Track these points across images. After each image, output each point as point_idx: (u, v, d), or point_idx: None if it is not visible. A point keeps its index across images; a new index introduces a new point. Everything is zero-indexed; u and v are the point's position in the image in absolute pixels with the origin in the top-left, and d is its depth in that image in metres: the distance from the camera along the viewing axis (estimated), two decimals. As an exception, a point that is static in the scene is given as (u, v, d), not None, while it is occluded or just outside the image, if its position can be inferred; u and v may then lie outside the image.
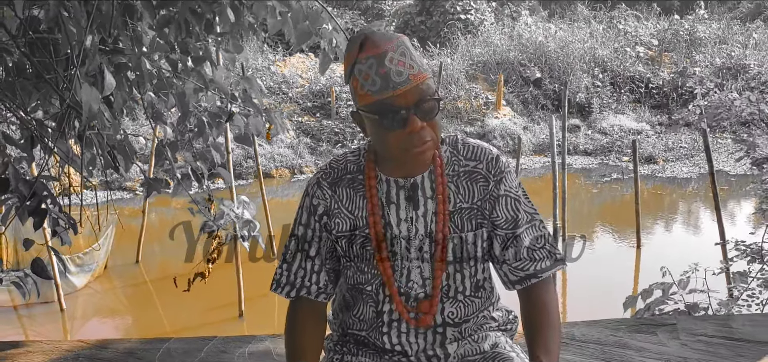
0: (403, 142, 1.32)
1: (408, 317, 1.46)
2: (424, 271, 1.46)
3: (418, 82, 1.31)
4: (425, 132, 1.32)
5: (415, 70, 1.31)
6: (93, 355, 2.42)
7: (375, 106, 1.31)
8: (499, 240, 1.48)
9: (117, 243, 8.40)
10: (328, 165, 1.52)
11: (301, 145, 14.58)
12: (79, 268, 7.58)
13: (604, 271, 7.71)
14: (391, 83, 1.29)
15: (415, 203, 1.45)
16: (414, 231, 1.45)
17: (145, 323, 7.07)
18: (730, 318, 2.53)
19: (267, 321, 6.77)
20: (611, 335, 2.39)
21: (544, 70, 17.31)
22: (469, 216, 1.46)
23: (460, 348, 1.52)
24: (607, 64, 17.57)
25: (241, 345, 2.45)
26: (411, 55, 1.33)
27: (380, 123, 1.32)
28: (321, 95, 16.19)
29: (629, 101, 17.15)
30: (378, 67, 1.30)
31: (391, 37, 1.34)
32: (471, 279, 1.49)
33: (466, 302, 1.50)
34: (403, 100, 1.29)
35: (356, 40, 1.35)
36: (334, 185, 1.49)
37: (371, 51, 1.32)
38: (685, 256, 4.46)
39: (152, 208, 9.67)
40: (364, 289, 1.50)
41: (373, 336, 1.51)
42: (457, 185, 1.46)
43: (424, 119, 1.32)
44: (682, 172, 13.03)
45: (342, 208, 1.48)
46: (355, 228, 1.47)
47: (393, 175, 1.45)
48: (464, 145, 1.50)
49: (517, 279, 1.48)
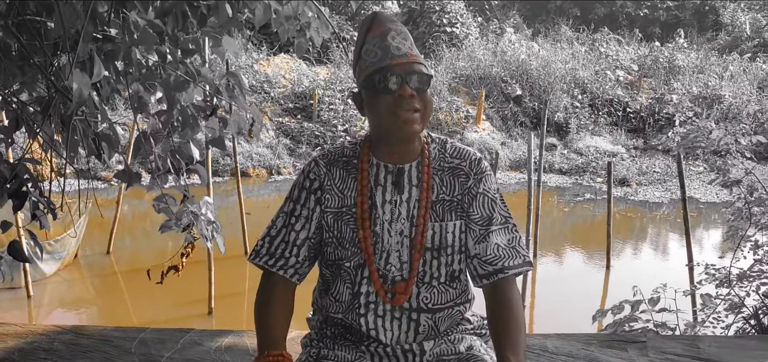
0: (393, 105, 1.45)
1: (384, 295, 1.53)
2: (403, 255, 1.54)
3: (413, 59, 1.48)
4: (414, 100, 1.46)
5: (413, 51, 1.50)
6: (69, 341, 2.41)
7: (373, 74, 1.47)
8: (473, 235, 1.56)
9: (88, 232, 8.30)
10: (328, 149, 1.64)
11: (280, 145, 14.53)
12: (49, 255, 7.45)
13: (573, 289, 7.82)
14: (389, 54, 1.47)
15: (400, 188, 1.55)
16: (396, 214, 1.54)
17: (113, 314, 6.98)
18: (698, 339, 2.61)
19: (236, 319, 6.74)
20: (583, 349, 2.45)
21: (525, 87, 17.49)
22: (449, 207, 1.56)
23: (436, 347, 1.58)
24: (587, 85, 17.81)
25: (217, 339, 2.46)
26: (411, 40, 1.52)
27: (376, 89, 1.47)
28: (303, 97, 16.17)
29: (606, 124, 17.40)
30: (381, 42, 1.49)
31: (396, 21, 1.54)
32: (447, 267, 1.56)
33: (440, 289, 1.57)
34: (399, 69, 1.46)
35: (366, 21, 1.54)
36: (330, 165, 1.59)
37: (377, 29, 1.51)
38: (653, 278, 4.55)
39: (126, 200, 9.56)
40: (342, 266, 1.56)
41: (350, 317, 1.56)
42: (441, 178, 1.57)
43: (416, 89, 1.46)
44: (654, 196, 13.24)
45: (334, 186, 1.57)
46: (342, 206, 1.56)
47: (384, 159, 1.56)
48: (451, 146, 1.62)
49: (485, 273, 1.55)
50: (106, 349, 2.37)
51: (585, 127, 16.81)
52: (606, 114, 17.55)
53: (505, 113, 16.94)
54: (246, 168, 13.43)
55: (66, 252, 7.75)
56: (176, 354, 2.35)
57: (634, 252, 10.18)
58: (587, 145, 16.00)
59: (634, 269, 9.00)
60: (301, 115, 15.80)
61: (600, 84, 17.92)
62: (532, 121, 16.88)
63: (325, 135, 15.08)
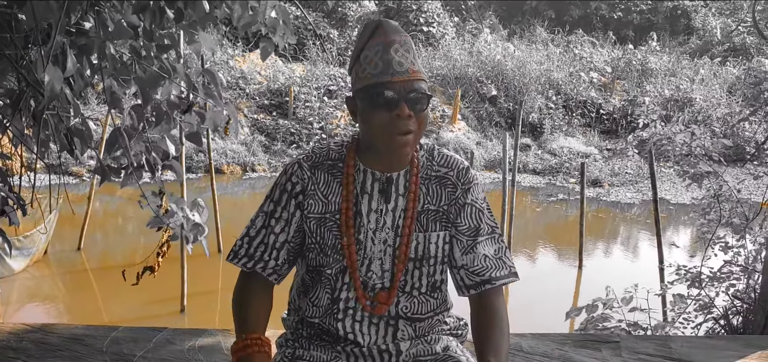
0: (389, 124, 1.41)
1: (365, 303, 1.51)
2: (385, 264, 1.52)
3: (415, 77, 1.43)
4: (410, 121, 1.42)
5: (415, 67, 1.44)
6: (38, 339, 2.36)
7: (371, 87, 1.42)
8: (460, 245, 1.55)
9: (59, 228, 8.15)
10: (312, 150, 1.59)
11: (255, 142, 14.42)
12: (18, 251, 7.30)
13: (545, 288, 7.88)
14: (391, 69, 1.41)
15: (387, 197, 1.52)
16: (381, 223, 1.51)
17: (84, 312, 6.87)
18: (670, 339, 2.65)
19: (209, 317, 6.68)
20: (557, 348, 2.47)
21: (500, 87, 17.61)
22: (434, 218, 1.54)
23: (413, 347, 1.57)
24: (561, 86, 17.99)
25: (190, 338, 2.43)
26: (414, 54, 1.46)
27: (373, 103, 1.42)
28: (279, 94, 16.06)
29: (580, 125, 17.60)
30: (383, 53, 1.43)
31: (401, 31, 1.48)
32: (428, 278, 1.55)
33: (421, 299, 1.56)
34: (398, 86, 1.41)
35: (370, 26, 1.48)
36: (314, 168, 1.55)
37: (381, 38, 1.45)
38: (625, 278, 4.61)
39: (97, 196, 9.41)
40: (323, 272, 1.54)
41: (327, 322, 1.55)
42: (427, 187, 1.54)
43: (412, 110, 1.41)
44: (626, 197, 13.43)
45: (317, 191, 1.53)
46: (326, 212, 1.52)
47: (371, 166, 1.53)
48: (439, 153, 1.59)
49: (472, 284, 1.54)
50: (77, 348, 2.33)
51: (559, 128, 16.99)
52: (580, 115, 17.75)
53: (480, 113, 17.04)
54: (220, 165, 13.31)
55: (35, 249, 7.60)
56: (149, 353, 2.32)
57: (606, 252, 10.32)
58: (561, 146, 16.17)
59: (606, 269, 9.12)
60: (276, 112, 15.70)
61: (574, 85, 18.12)
62: (507, 121, 17.01)
63: (301, 132, 15.01)
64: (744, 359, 2.49)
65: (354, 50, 1.50)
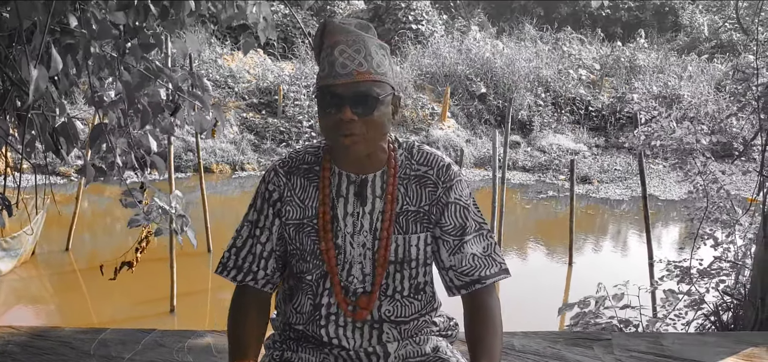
0: (334, 127, 1.39)
1: (346, 309, 1.49)
2: (366, 267, 1.49)
3: (361, 79, 1.37)
4: (355, 125, 1.38)
5: (363, 67, 1.38)
6: (25, 343, 2.33)
7: (320, 90, 1.41)
8: (446, 246, 1.51)
9: (46, 229, 8.08)
10: (288, 155, 1.56)
11: (244, 141, 14.36)
12: (5, 253, 7.23)
13: (536, 285, 7.90)
14: (333, 72, 1.38)
15: (362, 199, 1.49)
16: (359, 226, 1.48)
17: (73, 313, 6.81)
18: (661, 336, 2.65)
19: (199, 317, 6.63)
20: (549, 347, 2.46)
21: (489, 85, 17.63)
22: (414, 219, 1.50)
23: (401, 348, 1.55)
24: (550, 84, 18.04)
25: (180, 340, 2.41)
26: (366, 54, 1.39)
27: (319, 106, 1.42)
28: (268, 92, 16.00)
29: (569, 122, 17.65)
30: (329, 55, 1.40)
31: (348, 30, 1.42)
32: (411, 281, 1.52)
33: (404, 302, 1.53)
34: (341, 89, 1.37)
35: (319, 28, 1.46)
36: (290, 173, 1.52)
37: (328, 39, 1.42)
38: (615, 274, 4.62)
39: (85, 196, 9.34)
40: (304, 278, 1.51)
41: (310, 328, 1.52)
42: (406, 188, 1.50)
43: (357, 113, 1.37)
44: (615, 194, 13.48)
45: (294, 197, 1.51)
46: (303, 217, 1.50)
47: (346, 169, 1.50)
48: (419, 151, 1.55)
49: (462, 284, 1.51)
50: (64, 351, 2.30)
51: (548, 125, 17.03)
52: (568, 112, 17.80)
53: (470, 111, 17.05)
54: (209, 164, 13.24)
55: (23, 250, 7.53)
56: (137, 355, 2.29)
57: (596, 248, 10.35)
58: (550, 143, 16.21)
59: (596, 265, 9.15)
60: (265, 110, 15.64)
61: (563, 83, 18.17)
62: (496, 118, 17.03)
63: (290, 131, 14.96)
64: (735, 355, 2.49)
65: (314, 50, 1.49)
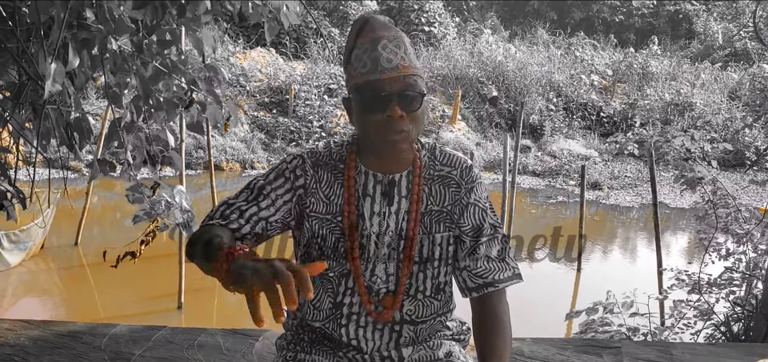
0: (382, 126, 1.36)
1: (370, 309, 1.48)
2: (390, 268, 1.48)
3: (406, 73, 1.36)
4: (404, 122, 1.36)
5: (406, 62, 1.37)
6: (36, 336, 2.35)
7: (362, 87, 1.37)
8: (463, 246, 1.51)
9: (56, 222, 8.13)
10: (312, 149, 1.54)
11: (254, 139, 14.41)
12: (15, 245, 7.29)
13: (543, 291, 7.87)
14: (379, 67, 1.35)
15: (389, 199, 1.48)
16: (385, 226, 1.47)
17: (80, 307, 6.84)
18: (671, 346, 2.64)
19: (206, 315, 6.65)
20: (558, 354, 2.45)
21: (501, 89, 17.59)
22: (438, 218, 1.50)
23: (415, 352, 1.54)
24: (561, 89, 17.99)
25: (190, 337, 2.41)
26: (405, 49, 1.39)
27: (364, 104, 1.37)
28: (279, 92, 16.04)
29: (580, 127, 17.59)
30: (371, 51, 1.37)
31: (389, 27, 1.41)
32: (433, 280, 1.52)
33: (426, 302, 1.52)
34: (389, 85, 1.35)
35: (356, 24, 1.43)
36: (317, 166, 1.50)
37: (368, 36, 1.39)
38: (623, 282, 4.60)
39: (95, 191, 9.39)
40: (325, 274, 1.49)
41: (330, 327, 1.51)
42: (430, 188, 1.50)
43: (405, 109, 1.36)
44: (625, 201, 13.42)
45: (320, 190, 1.49)
46: (328, 213, 1.48)
47: (373, 168, 1.49)
48: (441, 152, 1.55)
49: (474, 286, 1.50)
50: (75, 346, 2.31)
51: (559, 130, 16.98)
52: (580, 117, 17.74)
53: (480, 114, 17.03)
54: (219, 161, 13.29)
55: (32, 243, 7.58)
56: (148, 351, 2.30)
57: (605, 255, 10.30)
58: (561, 148, 16.16)
59: (604, 272, 9.11)
60: (276, 109, 15.68)
61: (575, 88, 18.11)
62: (507, 122, 17.00)
63: (301, 130, 14.99)
64: (745, 367, 2.47)
65: (345, 50, 1.46)
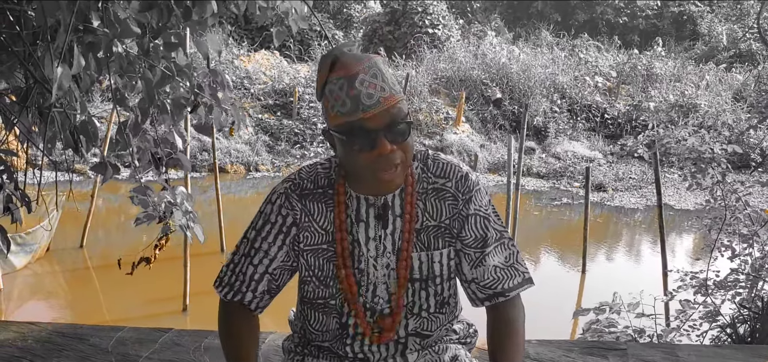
0: (373, 164, 1.31)
1: (369, 332, 1.47)
2: (391, 287, 1.45)
3: (389, 105, 1.30)
4: (395, 155, 1.32)
5: (386, 92, 1.30)
6: (44, 339, 2.35)
7: (345, 128, 1.31)
8: (468, 259, 1.48)
9: (61, 225, 8.16)
10: (297, 176, 1.48)
11: (259, 142, 14.43)
12: (20, 248, 7.30)
13: (548, 292, 7.86)
14: (361, 105, 1.28)
15: (384, 222, 1.44)
16: (382, 249, 1.44)
17: (85, 309, 6.86)
18: (677, 347, 2.63)
19: (211, 317, 6.58)
20: (564, 355, 2.45)
21: (505, 90, 17.58)
22: (435, 234, 1.46)
23: (421, 358, 1.53)
24: (566, 90, 17.96)
25: (197, 340, 2.42)
26: (383, 77, 1.31)
27: (350, 144, 1.31)
28: (283, 94, 16.07)
29: (584, 129, 17.56)
30: (348, 89, 1.29)
31: (362, 58, 1.32)
32: (436, 297, 1.49)
33: (431, 318, 1.50)
34: (373, 122, 1.28)
35: (327, 59, 1.34)
36: (304, 198, 1.46)
37: (341, 72, 1.30)
38: (628, 283, 4.58)
39: (100, 194, 9.41)
40: (327, 304, 1.48)
41: (336, 346, 1.51)
42: (425, 203, 1.46)
43: (394, 142, 1.31)
44: (630, 202, 13.39)
45: (313, 222, 1.45)
46: (322, 242, 1.45)
47: (363, 192, 1.44)
48: (434, 162, 1.49)
49: (485, 296, 1.49)
50: (82, 348, 2.32)
51: (563, 132, 16.95)
52: (584, 119, 17.72)
53: (484, 116, 17.02)
54: (224, 164, 13.32)
55: (37, 245, 7.61)
56: (155, 354, 2.31)
57: (609, 257, 10.28)
58: (565, 150, 16.13)
59: (609, 274, 9.10)
60: (280, 112, 15.71)
61: (579, 89, 18.09)
62: (511, 124, 16.98)
63: (305, 133, 15.01)
64: (752, 368, 2.47)
65: (317, 83, 1.38)
